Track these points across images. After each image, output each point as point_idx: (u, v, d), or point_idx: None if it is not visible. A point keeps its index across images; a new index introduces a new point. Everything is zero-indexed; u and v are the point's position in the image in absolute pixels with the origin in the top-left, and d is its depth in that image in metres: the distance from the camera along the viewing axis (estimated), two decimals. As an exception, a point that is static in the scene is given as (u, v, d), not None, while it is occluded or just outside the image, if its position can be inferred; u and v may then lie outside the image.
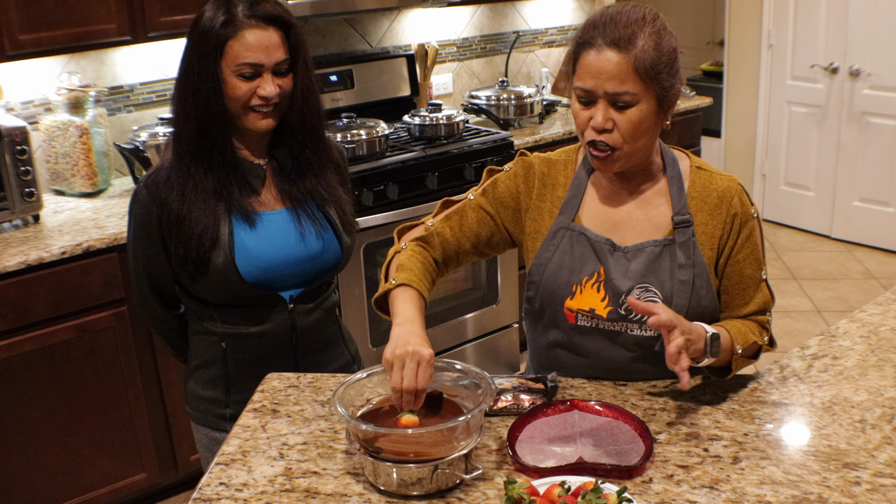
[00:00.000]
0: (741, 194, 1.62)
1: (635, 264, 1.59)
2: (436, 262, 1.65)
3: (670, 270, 1.58)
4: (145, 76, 3.26)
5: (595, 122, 1.49)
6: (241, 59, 1.65)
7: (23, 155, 2.67)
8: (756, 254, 1.61)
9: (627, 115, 1.47)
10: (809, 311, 4.37)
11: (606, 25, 1.47)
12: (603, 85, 1.46)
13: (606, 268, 1.60)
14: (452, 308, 3.49)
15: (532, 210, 1.67)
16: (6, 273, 2.47)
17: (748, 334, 1.58)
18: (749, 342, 1.56)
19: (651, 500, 1.30)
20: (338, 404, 1.36)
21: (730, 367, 1.56)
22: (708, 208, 1.59)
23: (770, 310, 1.66)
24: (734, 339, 1.54)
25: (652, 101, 1.48)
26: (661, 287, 1.58)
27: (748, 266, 1.61)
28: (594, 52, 1.46)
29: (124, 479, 2.85)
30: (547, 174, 1.68)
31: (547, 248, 1.64)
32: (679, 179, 1.61)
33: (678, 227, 1.58)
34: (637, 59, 1.44)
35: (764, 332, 1.64)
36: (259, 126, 1.72)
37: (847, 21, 4.91)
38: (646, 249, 1.59)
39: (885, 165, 4.94)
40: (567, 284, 1.62)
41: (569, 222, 1.64)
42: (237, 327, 1.81)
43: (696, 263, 1.58)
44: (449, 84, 4.14)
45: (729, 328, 1.56)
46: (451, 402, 1.46)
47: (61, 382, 2.65)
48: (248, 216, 1.74)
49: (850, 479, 1.34)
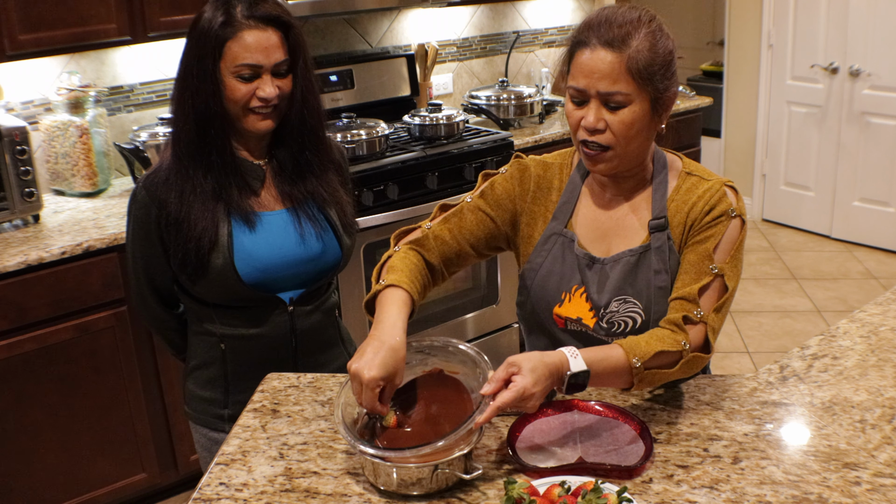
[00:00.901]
0: (724, 193, 1.54)
1: (612, 278, 1.57)
2: (430, 264, 1.63)
3: (647, 279, 1.56)
4: (145, 76, 3.26)
5: (586, 121, 1.47)
6: (240, 60, 1.65)
7: (23, 155, 2.67)
8: (709, 243, 1.51)
9: (619, 116, 1.46)
10: (809, 311, 4.37)
11: (601, 25, 1.46)
12: (595, 84, 1.45)
13: (585, 283, 1.59)
14: (452, 308, 3.50)
15: (526, 214, 1.66)
16: (6, 273, 2.47)
17: (651, 343, 1.45)
18: (651, 352, 1.43)
19: (651, 500, 1.30)
20: (343, 430, 1.36)
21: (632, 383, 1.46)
22: (686, 209, 1.55)
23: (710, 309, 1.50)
24: (629, 353, 1.43)
25: (645, 102, 1.46)
26: (639, 296, 1.56)
27: (693, 251, 1.52)
28: (588, 52, 1.45)
29: (124, 479, 2.85)
30: (542, 177, 1.67)
31: (539, 253, 1.64)
32: (664, 185, 1.58)
33: (653, 232, 1.56)
34: (630, 59, 1.43)
35: (680, 333, 1.48)
36: (258, 128, 1.71)
37: (847, 21, 4.91)
38: (622, 260, 1.57)
39: (885, 165, 4.94)
40: (557, 291, 1.62)
41: (561, 228, 1.63)
42: (237, 329, 1.80)
43: (671, 268, 1.55)
44: (449, 84, 4.14)
45: (624, 343, 1.45)
46: (451, 378, 1.47)
47: (61, 382, 2.65)
48: (247, 217, 1.74)
49: (850, 479, 1.34)
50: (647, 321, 1.57)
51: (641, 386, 1.46)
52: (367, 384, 1.35)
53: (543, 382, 1.35)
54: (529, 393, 1.33)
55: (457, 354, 1.49)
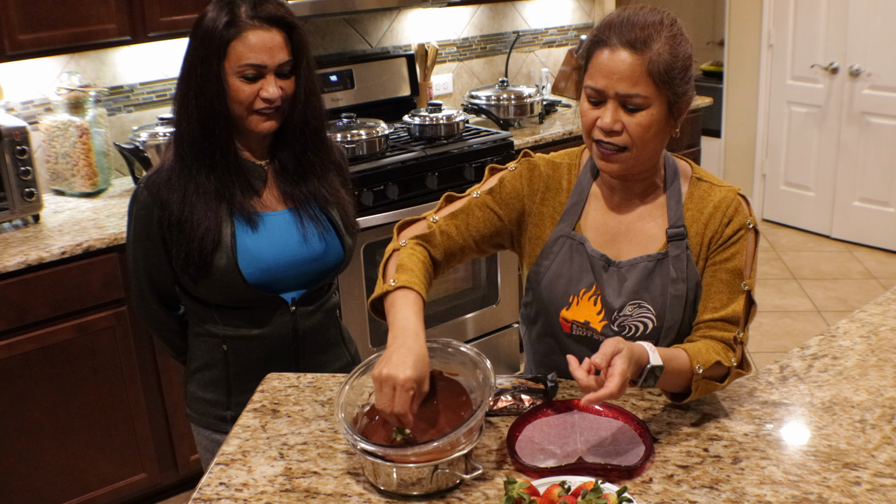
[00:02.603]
0: (739, 203, 1.55)
1: (629, 282, 1.56)
2: (435, 260, 1.61)
3: (662, 286, 1.55)
4: (145, 76, 3.26)
5: (603, 122, 1.45)
6: (244, 61, 1.65)
7: (23, 155, 2.67)
8: (738, 260, 1.53)
9: (637, 119, 1.44)
10: (809, 311, 4.37)
11: (623, 25, 1.44)
12: (615, 85, 1.43)
13: (600, 284, 1.58)
14: (452, 308, 3.50)
15: (534, 214, 1.64)
16: (6, 273, 2.47)
17: (710, 353, 1.48)
18: (711, 362, 1.46)
19: (651, 500, 1.30)
20: (344, 429, 1.35)
21: (689, 390, 1.48)
22: (703, 219, 1.55)
23: (743, 326, 1.54)
24: (693, 359, 1.45)
25: (663, 106, 1.45)
26: (654, 303, 1.55)
27: (725, 270, 1.53)
28: (608, 52, 1.43)
29: (124, 479, 2.85)
30: (551, 177, 1.64)
31: (546, 255, 1.62)
32: (678, 191, 1.58)
33: (672, 241, 1.55)
34: (651, 61, 1.41)
35: (730, 351, 1.51)
36: (262, 128, 1.71)
37: (847, 21, 4.91)
38: (639, 265, 1.56)
39: (885, 165, 4.94)
40: (564, 295, 1.61)
41: (569, 230, 1.61)
42: (239, 329, 1.80)
43: (689, 277, 1.55)
44: (449, 84, 4.14)
45: (689, 348, 1.48)
46: (451, 380, 1.46)
47: (61, 382, 2.65)
48: (250, 218, 1.73)
49: (850, 479, 1.34)
50: (659, 328, 1.56)
51: (695, 395, 1.48)
52: (403, 384, 1.31)
53: (631, 368, 1.35)
54: (627, 378, 1.32)
55: (456, 356, 1.49)
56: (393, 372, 1.32)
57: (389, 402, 1.32)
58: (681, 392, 1.50)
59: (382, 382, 1.32)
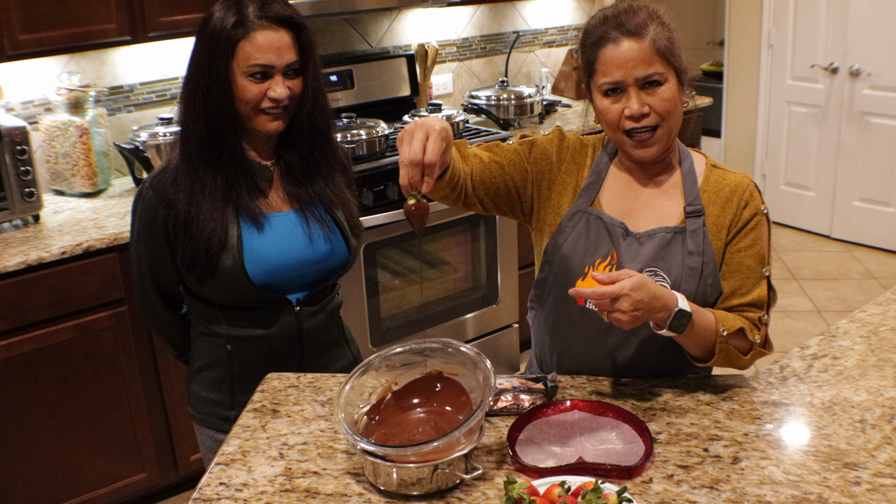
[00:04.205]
0: (753, 189, 1.64)
1: (646, 249, 1.60)
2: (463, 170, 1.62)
3: (680, 257, 1.59)
4: (145, 76, 3.26)
5: (632, 109, 1.53)
6: (253, 61, 1.64)
7: (23, 155, 2.67)
8: (760, 247, 1.61)
9: (660, 95, 1.53)
10: (809, 311, 4.37)
11: (617, 19, 1.54)
12: (632, 72, 1.52)
13: (619, 251, 1.62)
14: (452, 308, 3.50)
15: (558, 182, 1.69)
16: (6, 273, 2.47)
17: (736, 321, 1.55)
18: (736, 327, 1.54)
19: (651, 500, 1.30)
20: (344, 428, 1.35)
21: (713, 351, 1.54)
22: (720, 201, 1.62)
23: (767, 309, 1.63)
24: (719, 321, 1.53)
25: (674, 77, 1.55)
26: (669, 272, 1.59)
27: (749, 256, 1.60)
28: (612, 46, 1.53)
29: (124, 479, 2.85)
30: (578, 151, 1.71)
31: (563, 229, 1.66)
32: (693, 174, 1.64)
33: (690, 217, 1.61)
34: (655, 41, 1.52)
35: (755, 330, 1.59)
36: (269, 128, 1.71)
37: (847, 21, 4.91)
38: (657, 235, 1.61)
39: (885, 165, 4.94)
40: (580, 265, 1.64)
41: (587, 206, 1.66)
42: (244, 330, 1.80)
43: (705, 252, 1.59)
44: (449, 84, 4.14)
45: (716, 312, 1.55)
46: (451, 380, 1.47)
47: (61, 382, 2.65)
48: (256, 219, 1.73)
49: (850, 479, 1.34)
50: None
51: (717, 360, 1.55)
52: (440, 132, 1.35)
53: (642, 295, 1.39)
54: (625, 293, 1.37)
55: (456, 356, 1.48)
56: (429, 121, 1.36)
57: (420, 149, 1.35)
58: (703, 356, 1.56)
59: (416, 129, 1.36)
